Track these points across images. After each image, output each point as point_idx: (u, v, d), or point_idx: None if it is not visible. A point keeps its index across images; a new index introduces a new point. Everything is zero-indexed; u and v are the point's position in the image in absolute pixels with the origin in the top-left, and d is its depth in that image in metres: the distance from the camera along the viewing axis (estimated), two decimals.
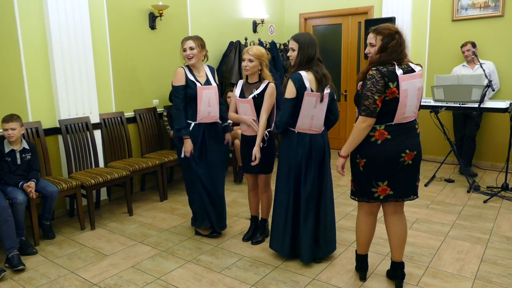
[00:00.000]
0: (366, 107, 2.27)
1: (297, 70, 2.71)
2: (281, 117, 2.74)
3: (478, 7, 5.16)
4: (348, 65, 6.47)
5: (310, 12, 6.62)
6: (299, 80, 2.67)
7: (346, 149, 2.43)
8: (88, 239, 3.47)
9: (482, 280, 2.65)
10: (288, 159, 2.84)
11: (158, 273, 2.86)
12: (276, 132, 2.86)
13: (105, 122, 4.26)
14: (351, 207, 4.02)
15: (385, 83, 2.24)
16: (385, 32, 2.31)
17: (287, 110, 2.71)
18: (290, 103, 2.69)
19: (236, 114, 3.20)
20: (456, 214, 3.80)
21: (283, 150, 2.88)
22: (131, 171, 3.98)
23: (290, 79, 2.70)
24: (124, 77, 4.46)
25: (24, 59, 3.61)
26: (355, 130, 2.34)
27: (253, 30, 6.23)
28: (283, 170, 2.88)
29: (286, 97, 2.70)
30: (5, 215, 2.93)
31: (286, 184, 2.86)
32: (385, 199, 2.41)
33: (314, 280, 2.71)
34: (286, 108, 2.71)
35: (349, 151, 2.44)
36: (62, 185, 3.44)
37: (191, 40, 3.20)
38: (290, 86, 2.68)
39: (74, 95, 3.93)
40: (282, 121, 2.75)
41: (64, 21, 3.77)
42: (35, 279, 2.81)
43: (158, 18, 4.67)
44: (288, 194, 2.86)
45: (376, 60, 2.31)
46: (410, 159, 2.35)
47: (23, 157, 3.31)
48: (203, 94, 3.20)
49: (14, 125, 3.21)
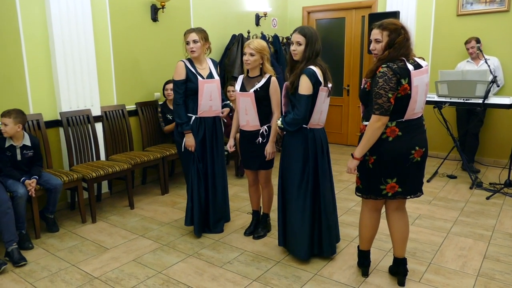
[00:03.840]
0: (380, 105, 2.21)
1: (306, 65, 2.64)
2: (299, 115, 2.63)
3: (484, 2, 5.10)
4: (351, 59, 6.42)
5: (313, 5, 6.56)
6: (314, 75, 2.60)
7: (361, 150, 2.33)
8: (89, 232, 3.46)
9: (485, 277, 2.64)
10: (303, 155, 2.73)
11: (160, 267, 2.85)
12: (289, 130, 2.72)
13: (107, 114, 4.23)
14: (353, 202, 4.01)
15: (398, 80, 2.20)
16: (391, 28, 2.25)
17: (304, 107, 2.61)
18: (308, 100, 2.61)
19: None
20: (458, 210, 3.79)
21: (295, 147, 2.76)
22: (132, 164, 3.96)
23: (305, 75, 2.59)
24: (125, 69, 4.43)
25: (25, 51, 3.58)
26: (370, 130, 2.26)
27: (256, 23, 6.18)
28: (297, 168, 2.75)
29: (303, 93, 2.59)
30: (5, 207, 2.91)
31: (301, 182, 2.75)
32: (393, 196, 2.38)
33: (316, 276, 2.70)
34: (304, 105, 2.60)
35: (364, 152, 2.33)
36: (63, 178, 3.43)
37: (194, 33, 3.14)
38: (306, 81, 2.59)
39: (75, 87, 3.90)
40: (300, 119, 2.64)
41: (66, 13, 3.73)
42: (36, 272, 2.81)
43: (160, 10, 4.63)
44: (305, 191, 2.76)
45: (385, 56, 2.26)
46: (419, 156, 2.32)
47: (23, 153, 3.27)
48: (205, 87, 3.16)
49: (7, 121, 3.12)
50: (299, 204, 2.78)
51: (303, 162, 2.75)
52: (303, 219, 2.78)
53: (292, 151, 2.79)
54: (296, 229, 2.82)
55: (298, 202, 2.78)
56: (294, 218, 2.81)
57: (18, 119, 3.17)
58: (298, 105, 2.63)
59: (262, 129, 3.04)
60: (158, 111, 4.61)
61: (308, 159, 2.74)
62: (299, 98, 2.62)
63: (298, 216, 2.79)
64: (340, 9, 6.36)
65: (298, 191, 2.77)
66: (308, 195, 2.77)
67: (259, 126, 3.04)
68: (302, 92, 2.61)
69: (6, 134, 3.18)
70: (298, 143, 2.75)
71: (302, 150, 2.74)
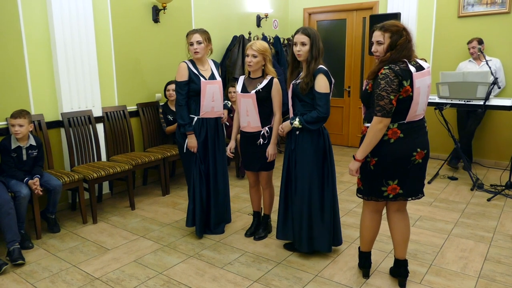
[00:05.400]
0: (382, 107, 2.21)
1: (316, 64, 2.68)
2: (324, 113, 2.66)
3: (485, 4, 5.10)
4: (352, 61, 6.42)
5: (315, 7, 6.57)
6: (329, 74, 2.69)
7: (363, 152, 2.32)
8: (90, 233, 3.46)
9: (486, 279, 2.64)
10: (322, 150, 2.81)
11: (160, 268, 2.85)
12: (310, 128, 2.72)
13: (108, 115, 4.24)
14: (354, 203, 4.01)
15: (399, 82, 2.20)
16: (393, 29, 2.25)
17: (328, 105, 2.68)
18: (328, 97, 2.69)
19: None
20: (459, 212, 3.78)
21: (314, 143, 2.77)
22: (133, 165, 3.96)
23: (322, 74, 2.65)
24: (127, 70, 4.44)
25: (27, 52, 3.59)
26: (371, 132, 2.26)
27: (257, 25, 6.19)
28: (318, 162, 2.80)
29: (324, 92, 2.65)
30: (7, 207, 2.92)
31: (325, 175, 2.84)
32: (394, 198, 2.38)
33: (317, 277, 2.70)
34: (327, 103, 2.67)
35: (365, 154, 2.33)
36: (64, 179, 3.43)
37: (198, 34, 3.13)
38: (324, 80, 2.65)
39: (76, 88, 3.91)
40: (325, 117, 2.69)
41: (67, 14, 3.74)
42: (37, 273, 2.81)
43: (162, 11, 4.64)
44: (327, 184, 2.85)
45: (387, 58, 2.26)
46: (420, 157, 2.33)
47: (29, 153, 3.28)
48: (207, 88, 3.17)
49: (22, 122, 3.14)
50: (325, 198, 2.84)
51: (323, 156, 2.82)
52: (323, 212, 2.85)
53: (308, 148, 2.79)
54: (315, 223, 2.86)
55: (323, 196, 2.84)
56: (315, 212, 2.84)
57: (30, 119, 3.23)
58: (320, 103, 2.66)
59: (263, 130, 3.04)
60: (159, 112, 4.62)
61: (327, 154, 2.83)
62: (320, 97, 2.66)
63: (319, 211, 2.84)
64: (341, 10, 6.37)
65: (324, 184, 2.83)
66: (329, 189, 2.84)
67: (260, 128, 3.04)
68: (322, 90, 2.65)
69: (21, 135, 3.18)
70: (316, 139, 2.79)
71: (322, 146, 2.80)
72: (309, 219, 2.86)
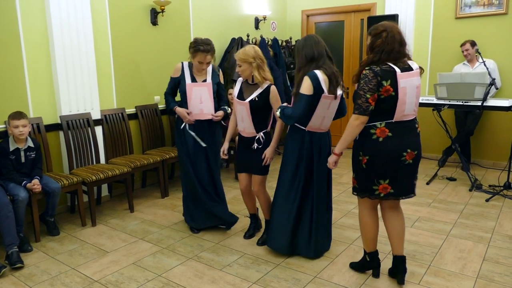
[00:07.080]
0: (359, 105, 2.30)
1: (305, 70, 2.65)
2: (295, 112, 2.65)
3: (482, 5, 5.12)
4: (350, 62, 6.44)
5: (313, 8, 6.59)
6: (316, 78, 2.61)
7: (340, 146, 2.49)
8: (89, 235, 3.46)
9: (485, 279, 2.64)
10: (297, 157, 2.81)
11: (159, 270, 2.85)
12: (286, 123, 2.80)
13: (106, 118, 4.24)
14: (352, 205, 4.01)
15: (378, 82, 2.26)
16: (372, 32, 2.35)
17: (303, 106, 2.63)
18: (307, 99, 2.62)
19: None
20: (458, 212, 3.79)
21: (291, 148, 2.85)
22: (132, 167, 3.97)
23: (307, 76, 2.62)
24: (125, 73, 4.44)
25: (25, 55, 3.59)
26: (348, 128, 2.38)
27: (255, 27, 6.20)
28: (290, 167, 2.85)
29: (303, 93, 2.61)
30: (6, 211, 2.92)
31: (293, 182, 2.85)
32: (385, 197, 2.43)
33: (316, 278, 2.70)
34: (303, 104, 2.62)
35: (342, 149, 2.50)
36: (63, 181, 3.43)
37: (209, 55, 3.19)
38: (307, 82, 2.61)
39: (75, 91, 3.92)
40: (295, 116, 2.67)
41: (66, 16, 3.75)
42: (36, 276, 2.81)
43: (160, 14, 4.65)
44: (296, 191, 2.85)
45: (365, 61, 2.34)
46: (411, 158, 2.37)
47: (27, 155, 3.29)
48: (192, 91, 3.28)
49: (25, 122, 3.19)
50: (287, 205, 2.88)
51: (296, 164, 2.83)
52: (288, 219, 2.89)
53: (287, 153, 2.89)
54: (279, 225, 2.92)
55: (287, 202, 2.88)
56: (279, 216, 2.92)
57: (28, 120, 3.26)
58: (297, 103, 2.67)
59: (259, 135, 3.04)
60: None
61: (302, 162, 2.82)
62: (300, 97, 2.66)
63: (284, 216, 2.89)
64: (339, 12, 6.39)
65: (288, 191, 2.87)
66: (297, 198, 2.86)
67: (255, 133, 3.04)
68: (302, 91, 2.64)
69: (25, 135, 3.22)
70: (294, 145, 2.84)
71: (297, 152, 2.83)
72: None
